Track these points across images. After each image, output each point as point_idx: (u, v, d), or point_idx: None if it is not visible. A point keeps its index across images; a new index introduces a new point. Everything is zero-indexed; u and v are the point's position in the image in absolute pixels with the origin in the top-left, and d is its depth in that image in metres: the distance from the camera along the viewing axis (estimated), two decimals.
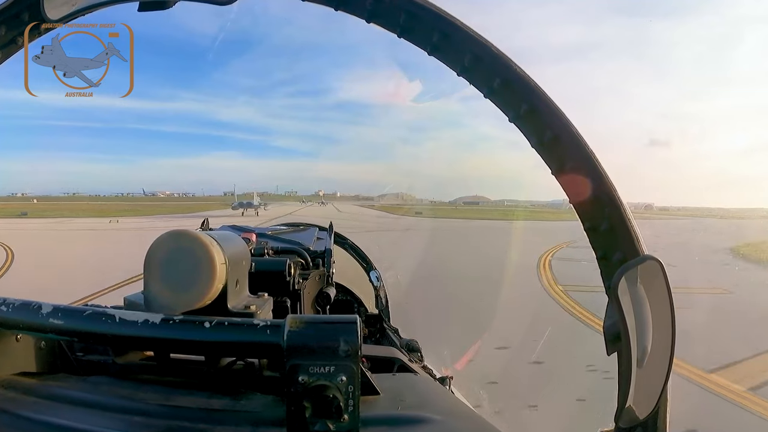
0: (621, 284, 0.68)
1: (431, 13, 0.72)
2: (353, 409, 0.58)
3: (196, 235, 0.68)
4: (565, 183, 0.75)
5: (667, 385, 0.68)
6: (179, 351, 0.69)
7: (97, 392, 0.71)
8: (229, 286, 0.72)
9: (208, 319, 0.64)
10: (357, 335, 0.58)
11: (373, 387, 0.71)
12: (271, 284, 1.01)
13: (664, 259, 0.66)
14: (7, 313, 0.68)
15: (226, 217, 44.80)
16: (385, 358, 1.07)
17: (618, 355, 0.70)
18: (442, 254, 18.83)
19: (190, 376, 0.77)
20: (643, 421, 0.69)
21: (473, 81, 0.76)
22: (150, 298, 0.68)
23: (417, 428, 0.63)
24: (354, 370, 0.58)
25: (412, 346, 1.94)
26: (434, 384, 1.00)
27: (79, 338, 0.68)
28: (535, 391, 5.61)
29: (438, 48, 0.75)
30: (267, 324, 0.63)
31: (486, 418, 0.73)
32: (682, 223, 60.74)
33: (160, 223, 39.90)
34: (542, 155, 0.75)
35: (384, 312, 2.55)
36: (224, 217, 43.10)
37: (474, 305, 9.78)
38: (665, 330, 0.67)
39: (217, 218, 18.95)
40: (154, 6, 0.77)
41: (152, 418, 0.64)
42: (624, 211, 0.72)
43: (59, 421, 0.62)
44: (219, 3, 0.75)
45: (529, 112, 0.73)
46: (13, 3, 0.79)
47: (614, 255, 0.73)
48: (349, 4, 0.74)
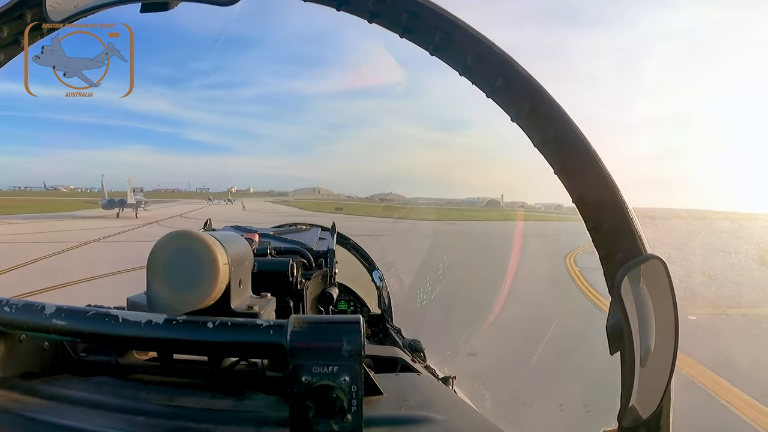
0: (624, 283, 0.68)
1: (433, 12, 0.72)
2: (356, 409, 0.58)
3: (199, 235, 0.68)
4: (567, 182, 0.75)
5: (671, 384, 0.68)
6: (182, 351, 0.69)
7: (100, 393, 0.71)
8: (232, 287, 0.72)
9: (211, 320, 0.64)
10: (360, 335, 0.58)
11: (377, 387, 0.71)
12: (274, 284, 1.01)
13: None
14: (10, 313, 0.69)
15: (92, 219, 36.66)
16: (388, 358, 1.07)
17: (621, 355, 0.70)
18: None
19: (193, 376, 0.77)
20: (646, 420, 0.69)
21: (475, 80, 0.76)
22: (153, 299, 0.68)
23: (420, 428, 0.63)
24: (357, 370, 0.58)
25: (415, 346, 1.94)
26: (437, 384, 1.00)
27: (83, 339, 0.68)
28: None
29: (440, 48, 0.75)
30: (270, 324, 0.63)
31: (489, 418, 0.73)
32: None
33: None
34: (544, 154, 0.75)
35: (387, 312, 2.55)
36: (90, 219, 36.31)
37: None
38: (668, 329, 0.67)
39: (80, 221, 16.83)
40: (156, 7, 0.77)
41: (155, 418, 0.64)
42: (626, 210, 0.72)
43: (62, 422, 0.62)
44: (220, 3, 0.75)
45: (531, 112, 0.73)
46: (16, 4, 0.79)
47: (617, 254, 0.73)
48: (351, 4, 0.74)
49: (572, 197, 0.75)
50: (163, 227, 28.61)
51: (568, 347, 6.95)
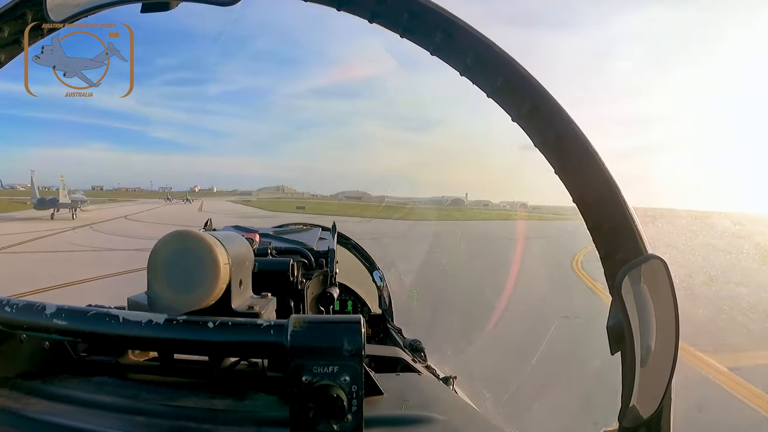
0: (624, 283, 0.68)
1: (434, 12, 0.72)
2: (357, 409, 0.58)
3: (200, 235, 0.68)
4: (567, 182, 0.75)
5: (671, 384, 0.68)
6: (183, 351, 0.69)
7: (101, 393, 0.71)
8: (233, 287, 0.72)
9: (212, 320, 0.64)
10: (361, 335, 0.58)
11: (377, 387, 0.71)
12: (275, 284, 1.01)
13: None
14: (11, 313, 0.68)
15: (22, 221, 30.80)
16: (389, 358, 1.07)
17: (621, 355, 0.70)
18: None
19: (194, 376, 0.77)
20: (646, 420, 0.69)
21: (476, 80, 0.76)
22: (153, 299, 0.68)
23: (421, 428, 0.63)
24: (358, 370, 0.58)
25: (415, 345, 1.94)
26: (438, 384, 1.00)
27: (83, 339, 0.68)
28: None
29: (440, 48, 0.74)
30: (271, 324, 0.63)
31: (490, 418, 0.73)
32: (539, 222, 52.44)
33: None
34: (545, 154, 0.75)
35: (387, 312, 2.55)
36: (20, 221, 30.30)
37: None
38: (669, 329, 0.67)
39: (8, 223, 15.58)
40: (156, 7, 0.77)
41: (156, 418, 0.64)
42: (627, 210, 0.72)
43: (63, 422, 0.62)
44: (221, 3, 0.75)
45: (532, 112, 0.73)
46: (16, 4, 0.79)
47: (617, 254, 0.73)
48: (351, 4, 0.74)
49: (572, 197, 0.75)
50: (97, 232, 25.82)
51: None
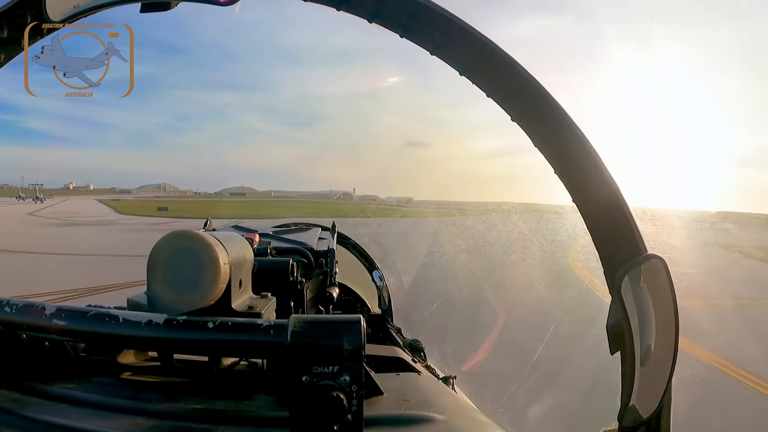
0: (624, 283, 0.68)
1: (433, 12, 0.72)
2: (357, 409, 0.58)
3: (199, 235, 0.68)
4: (567, 182, 0.75)
5: (671, 384, 0.68)
6: (183, 351, 0.69)
7: (101, 393, 0.71)
8: (233, 287, 0.72)
9: (212, 320, 0.64)
10: (361, 335, 0.58)
11: (377, 387, 0.71)
12: (274, 284, 1.01)
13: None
14: (11, 314, 0.69)
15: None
16: (389, 358, 1.07)
17: (621, 354, 0.70)
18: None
19: (194, 376, 0.77)
20: (646, 420, 0.69)
21: (475, 80, 0.76)
22: (153, 299, 0.68)
23: (421, 428, 0.64)
24: (357, 370, 0.58)
25: (415, 345, 1.94)
26: (438, 384, 1.01)
27: (83, 339, 0.68)
28: None
29: (440, 48, 0.75)
30: (270, 324, 0.63)
31: (490, 418, 0.73)
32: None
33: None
34: (545, 154, 0.75)
35: (387, 312, 2.55)
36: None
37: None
38: (668, 329, 0.67)
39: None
40: (156, 7, 0.77)
41: (155, 418, 0.64)
42: (627, 209, 0.72)
43: (62, 422, 0.62)
44: (220, 4, 0.75)
45: (531, 112, 0.73)
46: (16, 4, 0.79)
47: (617, 254, 0.73)
48: (351, 4, 0.74)
49: (572, 197, 0.75)
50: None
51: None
